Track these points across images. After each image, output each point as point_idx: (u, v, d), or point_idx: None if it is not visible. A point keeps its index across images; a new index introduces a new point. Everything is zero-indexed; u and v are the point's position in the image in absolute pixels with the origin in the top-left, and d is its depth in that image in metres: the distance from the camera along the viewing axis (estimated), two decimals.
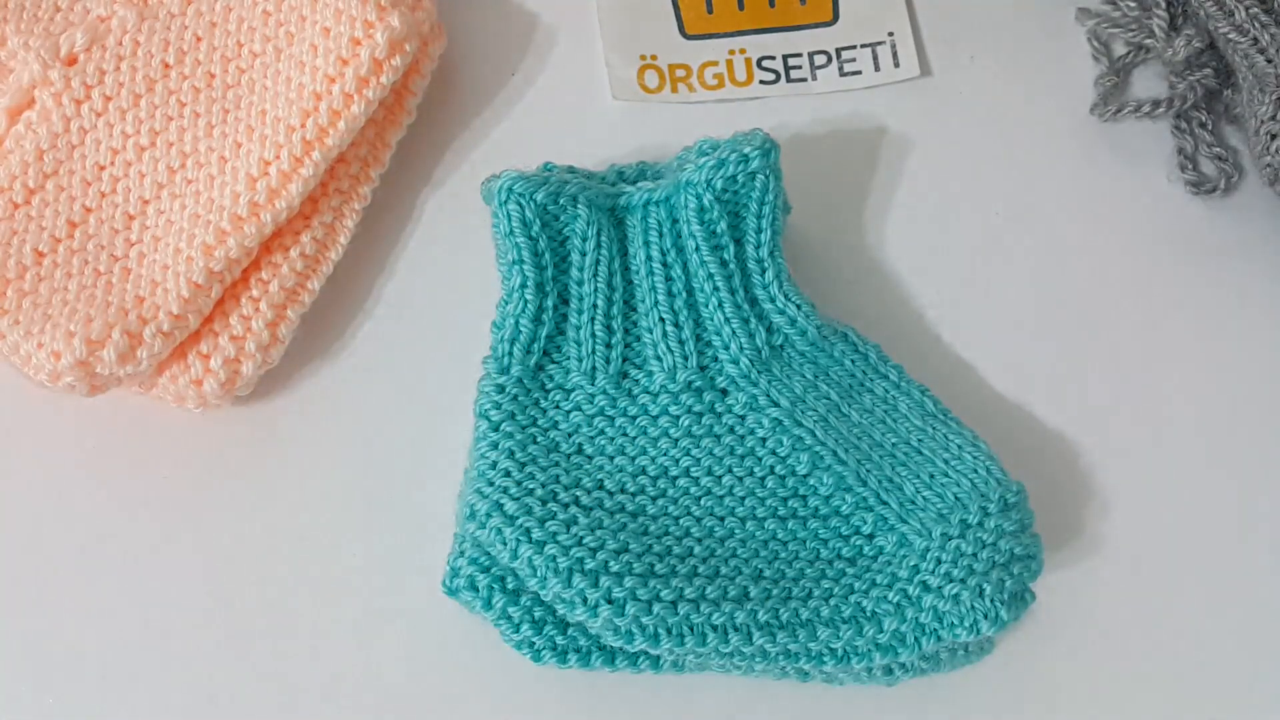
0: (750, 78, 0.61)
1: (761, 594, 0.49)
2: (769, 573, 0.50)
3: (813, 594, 0.49)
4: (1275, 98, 0.56)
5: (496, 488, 0.50)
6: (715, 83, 0.61)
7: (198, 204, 0.54)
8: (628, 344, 0.54)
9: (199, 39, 0.56)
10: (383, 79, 0.55)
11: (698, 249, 0.54)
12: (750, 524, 0.51)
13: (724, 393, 0.53)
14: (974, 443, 0.52)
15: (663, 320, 0.54)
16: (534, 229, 0.53)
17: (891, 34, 0.62)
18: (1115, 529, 0.55)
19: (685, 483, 0.52)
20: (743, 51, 0.62)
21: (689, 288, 0.54)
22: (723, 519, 0.51)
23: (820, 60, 0.62)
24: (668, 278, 0.54)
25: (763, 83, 0.61)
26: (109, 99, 0.55)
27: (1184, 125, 0.61)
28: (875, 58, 0.62)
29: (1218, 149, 0.60)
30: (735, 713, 0.52)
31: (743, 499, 0.52)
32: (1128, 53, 0.62)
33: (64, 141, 0.55)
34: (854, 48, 0.62)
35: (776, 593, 0.49)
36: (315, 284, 0.56)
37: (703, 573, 0.49)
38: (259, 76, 0.56)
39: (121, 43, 0.56)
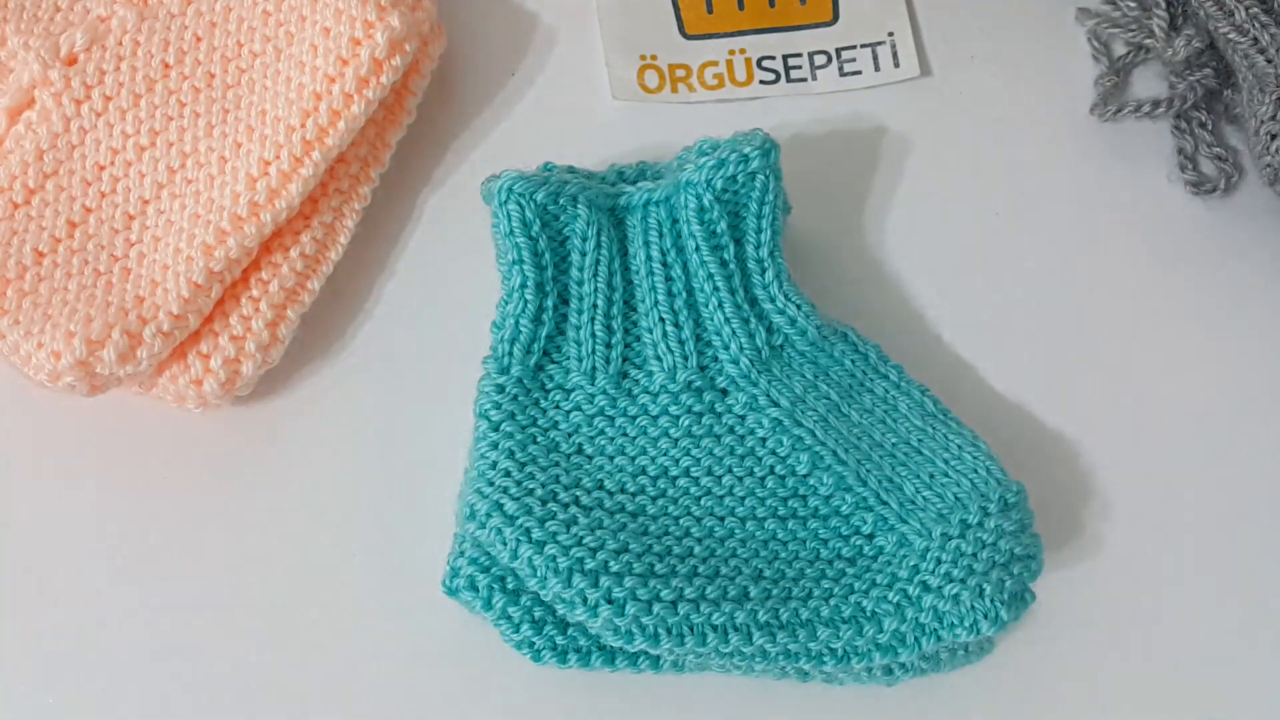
0: (750, 78, 0.61)
1: (761, 594, 0.49)
2: (769, 573, 0.50)
3: (813, 594, 0.49)
4: (1275, 98, 0.56)
5: (496, 488, 0.50)
6: (715, 83, 0.61)
7: (198, 204, 0.54)
8: (628, 344, 0.54)
9: (199, 39, 0.56)
10: (383, 79, 0.55)
11: (698, 249, 0.54)
12: (750, 524, 0.51)
13: (724, 393, 0.53)
14: (974, 443, 0.52)
15: (663, 320, 0.54)
16: (534, 229, 0.53)
17: (891, 34, 0.62)
18: (1115, 529, 0.55)
19: (685, 483, 0.52)
20: (743, 51, 0.62)
21: (689, 288, 0.54)
22: (723, 519, 0.51)
23: (820, 60, 0.62)
24: (668, 278, 0.54)
25: (763, 83, 0.61)
26: (109, 99, 0.55)
27: (1184, 125, 0.61)
28: (875, 58, 0.62)
29: (1218, 149, 0.60)
30: (735, 713, 0.52)
31: (743, 499, 0.52)
32: (1128, 53, 0.62)
33: (64, 141, 0.55)
34: (854, 48, 0.62)
35: (776, 593, 0.49)
36: (315, 284, 0.56)
37: (703, 573, 0.49)
38: (259, 76, 0.56)
39: (121, 43, 0.56)
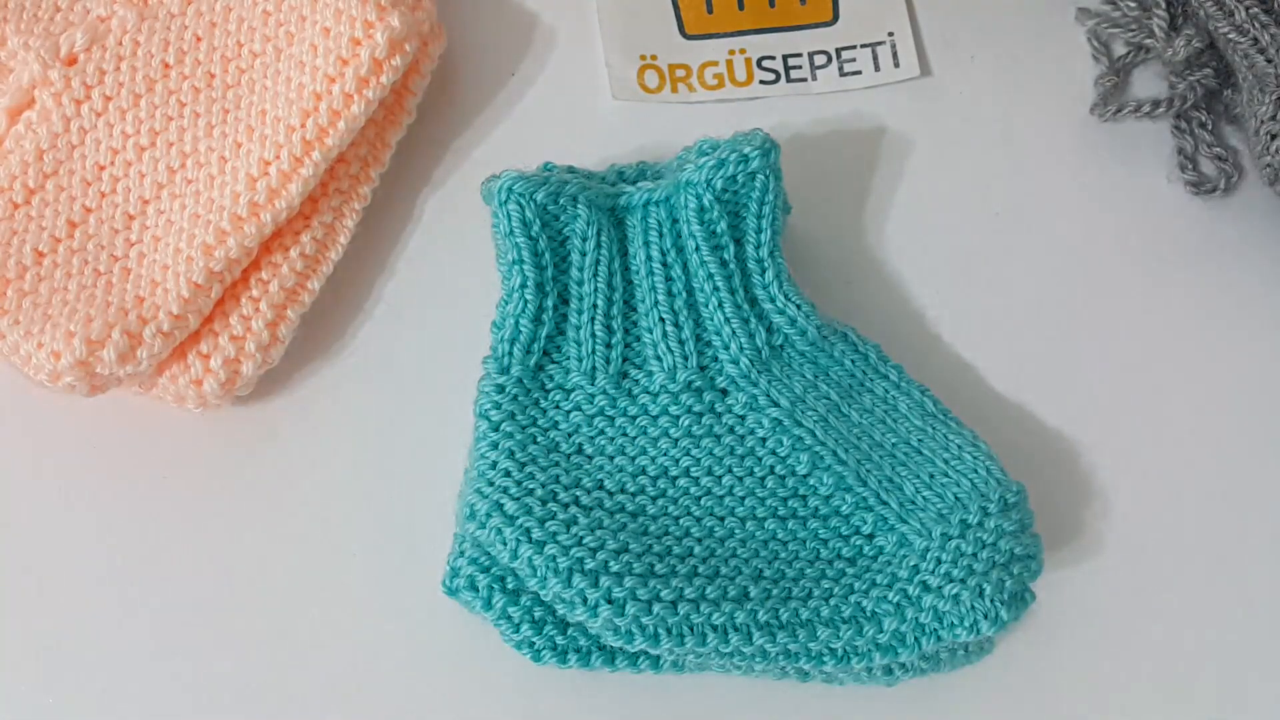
0: (750, 78, 0.61)
1: (761, 594, 0.49)
2: (769, 573, 0.50)
3: (813, 594, 0.49)
4: (1275, 98, 0.56)
5: (496, 488, 0.50)
6: (715, 83, 0.61)
7: (198, 204, 0.54)
8: (628, 344, 0.54)
9: (199, 39, 0.56)
10: (383, 79, 0.55)
11: (698, 249, 0.54)
12: (750, 524, 0.51)
13: (724, 393, 0.53)
14: (974, 443, 0.52)
15: (663, 320, 0.54)
16: (534, 229, 0.53)
17: (891, 34, 0.62)
18: (1115, 529, 0.55)
19: (685, 483, 0.52)
20: (743, 51, 0.62)
21: (689, 288, 0.54)
22: (723, 519, 0.51)
23: (820, 60, 0.62)
24: (668, 278, 0.54)
25: (763, 83, 0.61)
26: (109, 99, 0.55)
27: (1184, 125, 0.61)
28: (875, 58, 0.62)
29: (1218, 149, 0.60)
30: (735, 713, 0.52)
31: (743, 499, 0.52)
32: (1128, 53, 0.62)
33: (64, 141, 0.55)
34: (854, 48, 0.62)
35: (776, 593, 0.49)
36: (315, 284, 0.56)
37: (703, 573, 0.49)
38: (259, 76, 0.56)
39: (121, 43, 0.56)
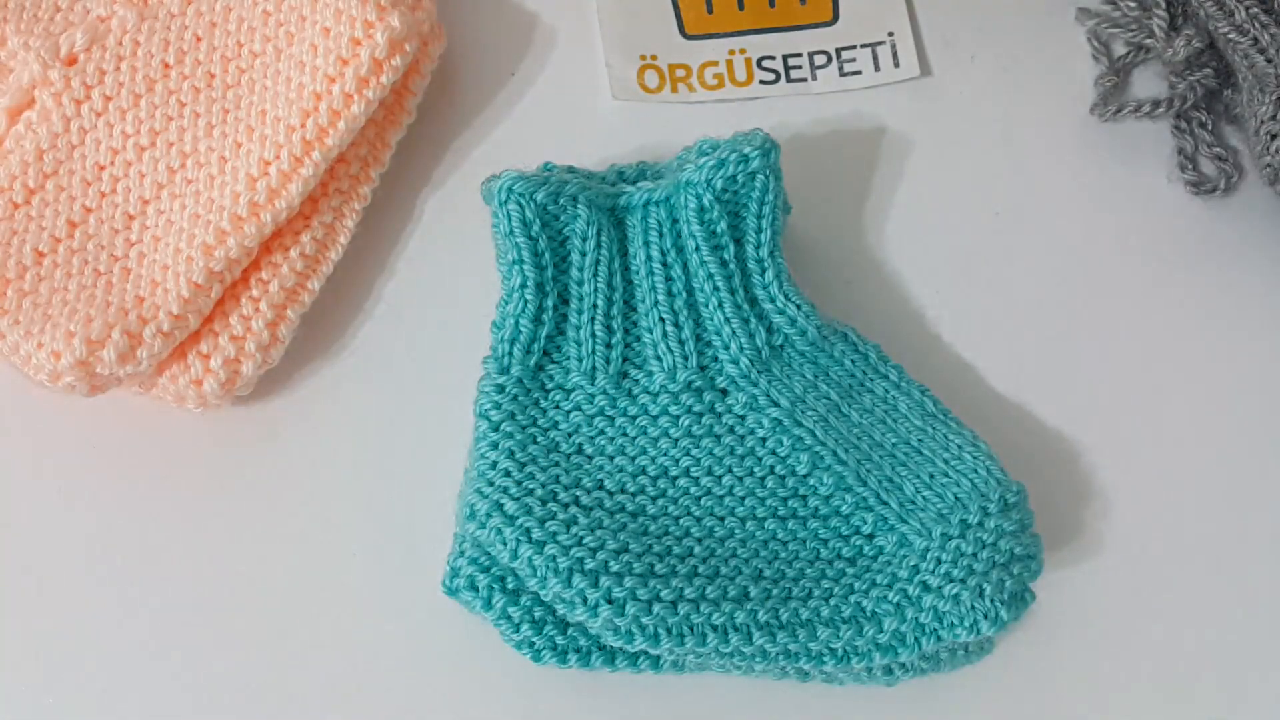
0: (750, 78, 0.61)
1: (761, 594, 0.49)
2: (769, 573, 0.50)
3: (813, 594, 0.49)
4: (1275, 98, 0.56)
5: (496, 488, 0.50)
6: (715, 83, 0.61)
7: (198, 204, 0.54)
8: (628, 344, 0.54)
9: (199, 39, 0.56)
10: (383, 79, 0.55)
11: (698, 249, 0.54)
12: (750, 524, 0.51)
13: (724, 393, 0.53)
14: (974, 443, 0.52)
15: (663, 320, 0.54)
16: (534, 229, 0.53)
17: (891, 34, 0.62)
18: (1115, 529, 0.55)
19: (685, 483, 0.52)
20: (743, 51, 0.62)
21: (689, 288, 0.54)
22: (723, 519, 0.51)
23: (820, 60, 0.62)
24: (668, 278, 0.54)
25: (763, 83, 0.61)
26: (109, 99, 0.55)
27: (1184, 125, 0.61)
28: (875, 58, 0.62)
29: (1218, 149, 0.60)
30: (735, 713, 0.52)
31: (743, 499, 0.52)
32: (1128, 53, 0.62)
33: (64, 141, 0.55)
34: (854, 48, 0.62)
35: (776, 593, 0.49)
36: (315, 284, 0.56)
37: (703, 573, 0.49)
38: (259, 76, 0.56)
39: (121, 43, 0.56)
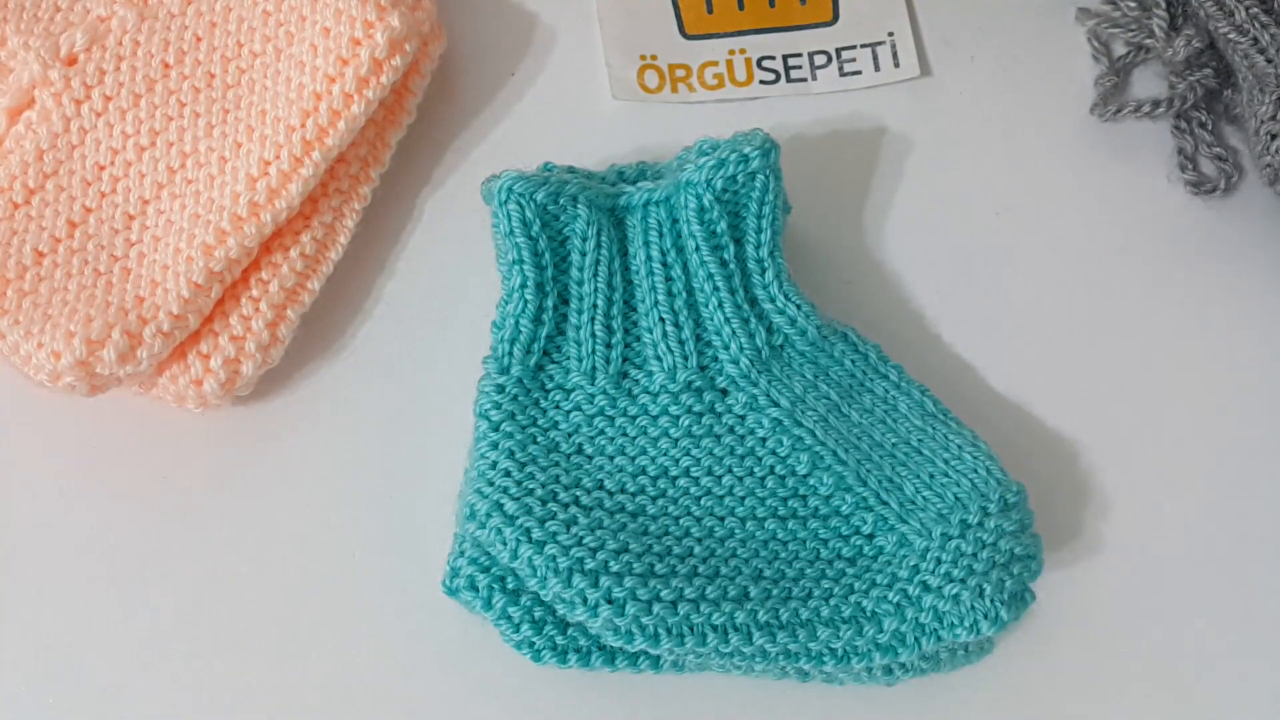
0: (750, 78, 0.61)
1: (761, 594, 0.49)
2: (769, 573, 0.50)
3: (813, 594, 0.49)
4: (1275, 98, 0.56)
5: (496, 488, 0.50)
6: (715, 83, 0.61)
7: (198, 204, 0.54)
8: (628, 344, 0.54)
9: (199, 39, 0.56)
10: (383, 79, 0.55)
11: (698, 249, 0.54)
12: (750, 524, 0.51)
13: (724, 393, 0.53)
14: (974, 443, 0.52)
15: (663, 320, 0.54)
16: (534, 229, 0.53)
17: (891, 34, 0.62)
18: (1115, 529, 0.55)
19: (685, 483, 0.52)
20: (743, 51, 0.62)
21: (689, 288, 0.54)
22: (723, 519, 0.51)
23: (820, 60, 0.62)
24: (668, 278, 0.54)
25: (763, 83, 0.61)
26: (109, 99, 0.55)
27: (1184, 125, 0.61)
28: (875, 58, 0.62)
29: (1218, 149, 0.60)
30: (735, 713, 0.52)
31: (743, 499, 0.52)
32: (1128, 53, 0.62)
33: (64, 141, 0.55)
34: (854, 48, 0.62)
35: (776, 593, 0.49)
36: (315, 284, 0.56)
37: (703, 573, 0.49)
38: (259, 76, 0.56)
39: (121, 43, 0.56)
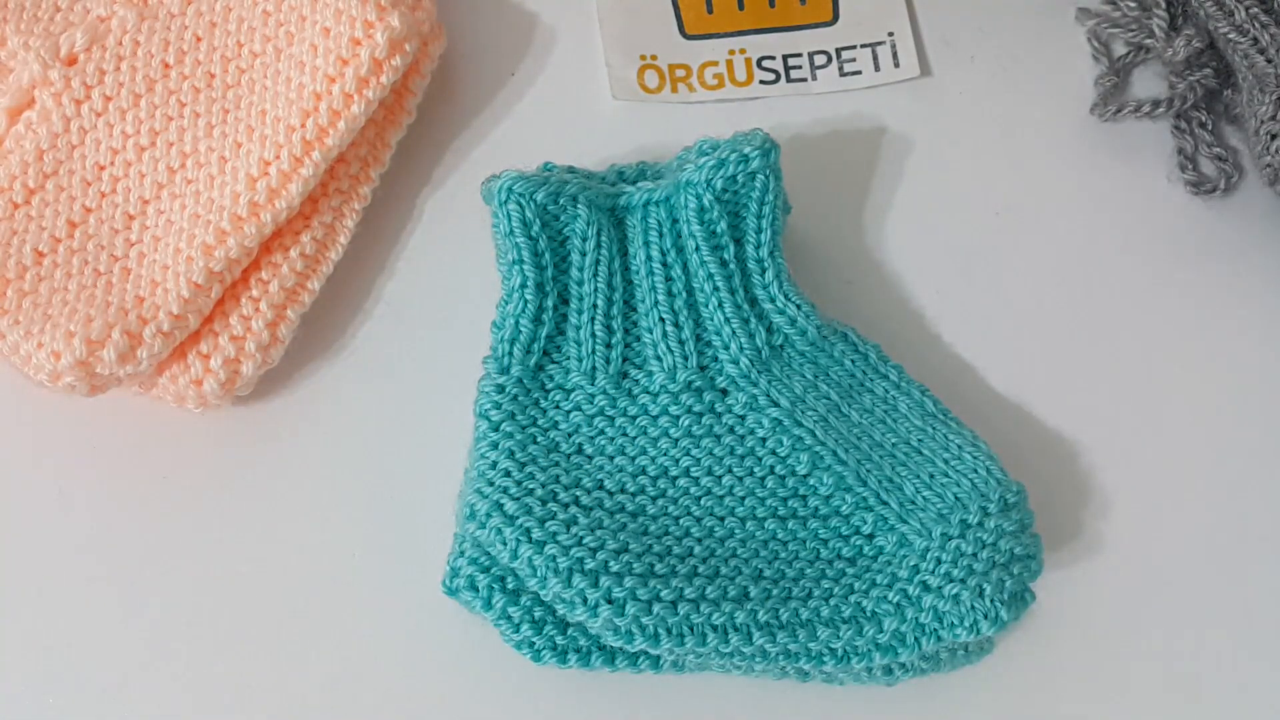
0: (750, 78, 0.61)
1: (761, 594, 0.49)
2: (769, 573, 0.50)
3: (813, 594, 0.49)
4: (1275, 98, 0.56)
5: (496, 488, 0.50)
6: (715, 83, 0.61)
7: (198, 204, 0.54)
8: (628, 344, 0.54)
9: (199, 39, 0.56)
10: (383, 79, 0.55)
11: (698, 249, 0.54)
12: (750, 524, 0.51)
13: (724, 393, 0.53)
14: (974, 443, 0.52)
15: (663, 320, 0.54)
16: (534, 229, 0.53)
17: (891, 34, 0.62)
18: (1115, 529, 0.55)
19: (685, 483, 0.52)
20: (743, 51, 0.62)
21: (689, 288, 0.54)
22: (723, 519, 0.51)
23: (820, 60, 0.62)
24: (668, 278, 0.54)
25: (763, 83, 0.61)
26: (109, 99, 0.55)
27: (1184, 125, 0.61)
28: (875, 58, 0.62)
29: (1218, 149, 0.60)
30: (735, 713, 0.52)
31: (743, 499, 0.52)
32: (1128, 53, 0.62)
33: (64, 141, 0.55)
34: (854, 48, 0.62)
35: (776, 593, 0.49)
36: (315, 284, 0.56)
37: (703, 573, 0.49)
38: (259, 76, 0.56)
39: (121, 43, 0.56)
